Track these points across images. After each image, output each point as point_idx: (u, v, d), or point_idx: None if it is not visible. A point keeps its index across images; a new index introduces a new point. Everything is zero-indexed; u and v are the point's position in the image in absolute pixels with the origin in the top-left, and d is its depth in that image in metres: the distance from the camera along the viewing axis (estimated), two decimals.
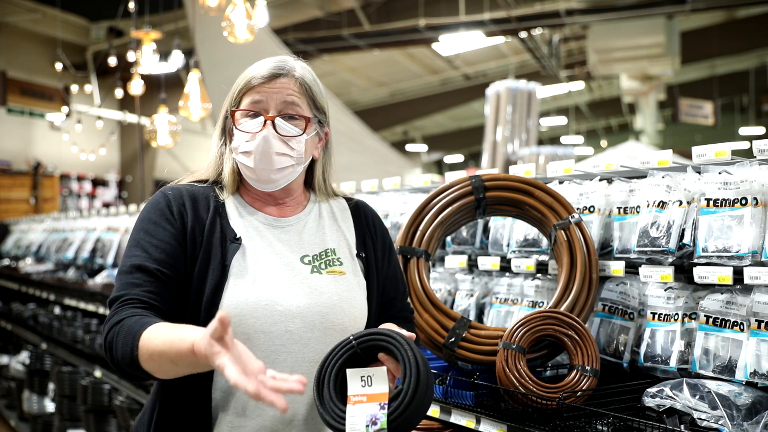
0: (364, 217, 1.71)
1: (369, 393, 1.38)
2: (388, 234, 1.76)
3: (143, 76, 7.31)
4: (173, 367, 1.30)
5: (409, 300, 1.86)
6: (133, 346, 1.33)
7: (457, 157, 27.48)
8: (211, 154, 1.65)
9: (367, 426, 1.35)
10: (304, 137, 1.57)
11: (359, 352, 1.42)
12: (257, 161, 1.53)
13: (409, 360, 1.37)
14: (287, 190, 1.61)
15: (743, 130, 20.17)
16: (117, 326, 1.38)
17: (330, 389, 1.41)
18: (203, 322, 1.44)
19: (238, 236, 1.53)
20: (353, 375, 1.40)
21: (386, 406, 1.35)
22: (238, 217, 1.57)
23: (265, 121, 1.53)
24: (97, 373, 4.47)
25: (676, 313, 1.91)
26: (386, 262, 1.71)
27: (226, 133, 1.63)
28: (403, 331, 1.43)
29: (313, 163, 1.67)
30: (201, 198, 1.57)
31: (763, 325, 1.71)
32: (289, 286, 1.51)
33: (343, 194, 1.74)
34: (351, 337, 1.43)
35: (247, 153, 1.54)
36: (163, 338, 1.30)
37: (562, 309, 2.02)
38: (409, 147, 23.74)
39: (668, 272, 1.91)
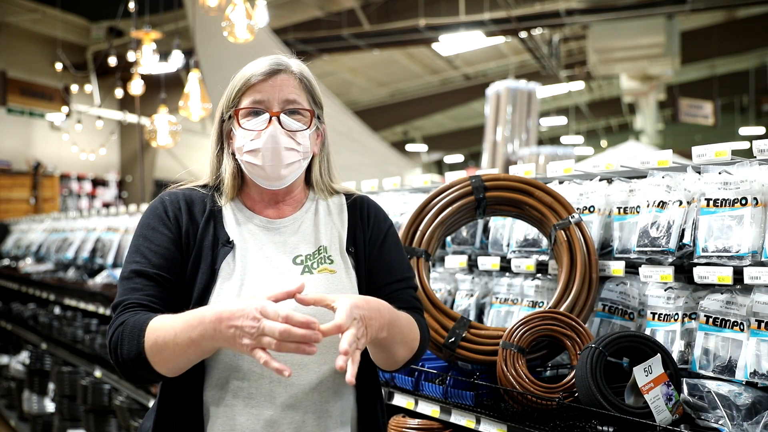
0: (359, 211, 1.67)
1: (653, 378, 1.66)
2: (386, 224, 1.68)
3: (143, 76, 7.31)
4: (179, 348, 1.32)
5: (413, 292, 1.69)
6: (140, 337, 1.36)
7: (457, 157, 27.48)
8: (209, 159, 1.64)
9: (666, 403, 1.64)
10: (308, 131, 1.57)
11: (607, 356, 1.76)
12: (266, 158, 1.53)
13: (656, 345, 1.78)
14: (289, 188, 1.61)
15: (743, 130, 20.17)
16: (121, 326, 1.41)
17: (612, 396, 1.68)
18: None
19: (230, 240, 1.54)
20: (638, 371, 1.66)
21: (670, 383, 1.67)
22: (234, 221, 1.58)
23: (271, 118, 1.53)
24: (97, 373, 4.47)
25: (676, 313, 1.91)
26: (377, 250, 1.63)
27: (224, 137, 1.62)
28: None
29: (311, 160, 1.66)
30: (197, 202, 1.58)
31: (763, 325, 1.71)
32: (277, 289, 1.50)
33: (346, 191, 1.71)
34: (595, 346, 1.76)
35: (254, 151, 1.53)
36: (169, 321, 1.35)
37: (562, 309, 2.02)
38: (409, 147, 23.75)
39: (668, 272, 1.91)
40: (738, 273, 1.77)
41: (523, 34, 12.96)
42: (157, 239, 1.52)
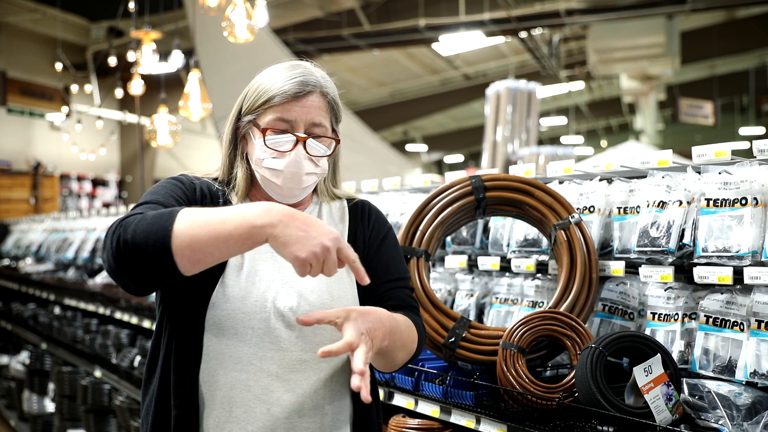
0: (360, 213, 1.69)
1: (653, 378, 1.65)
2: (386, 226, 1.71)
3: (143, 76, 7.31)
4: (221, 230, 1.25)
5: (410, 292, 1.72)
6: (171, 216, 1.27)
7: (457, 157, 27.48)
8: (221, 156, 1.64)
9: (666, 403, 1.63)
10: (329, 156, 1.58)
11: (607, 356, 1.75)
12: (286, 180, 1.53)
13: (656, 345, 1.77)
14: None
15: (743, 130, 20.18)
16: (134, 216, 1.32)
17: (612, 396, 1.68)
18: (194, 313, 1.47)
19: None
20: (638, 371, 1.65)
21: (670, 383, 1.66)
22: None
23: (297, 142, 1.52)
24: (97, 373, 4.47)
25: (676, 313, 1.91)
26: (375, 249, 1.65)
27: (237, 138, 1.61)
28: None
29: None
30: (212, 194, 1.59)
31: (763, 325, 1.71)
32: (281, 285, 1.51)
33: (348, 196, 1.73)
34: (596, 347, 1.76)
35: (274, 170, 1.53)
36: (215, 209, 1.30)
37: (562, 309, 2.02)
38: (409, 147, 23.75)
39: (668, 272, 1.91)
40: (738, 273, 1.77)
41: (523, 34, 12.96)
42: (174, 191, 1.51)
